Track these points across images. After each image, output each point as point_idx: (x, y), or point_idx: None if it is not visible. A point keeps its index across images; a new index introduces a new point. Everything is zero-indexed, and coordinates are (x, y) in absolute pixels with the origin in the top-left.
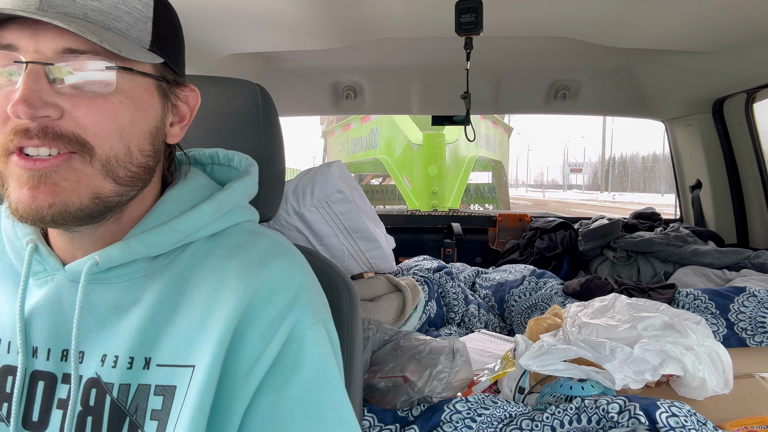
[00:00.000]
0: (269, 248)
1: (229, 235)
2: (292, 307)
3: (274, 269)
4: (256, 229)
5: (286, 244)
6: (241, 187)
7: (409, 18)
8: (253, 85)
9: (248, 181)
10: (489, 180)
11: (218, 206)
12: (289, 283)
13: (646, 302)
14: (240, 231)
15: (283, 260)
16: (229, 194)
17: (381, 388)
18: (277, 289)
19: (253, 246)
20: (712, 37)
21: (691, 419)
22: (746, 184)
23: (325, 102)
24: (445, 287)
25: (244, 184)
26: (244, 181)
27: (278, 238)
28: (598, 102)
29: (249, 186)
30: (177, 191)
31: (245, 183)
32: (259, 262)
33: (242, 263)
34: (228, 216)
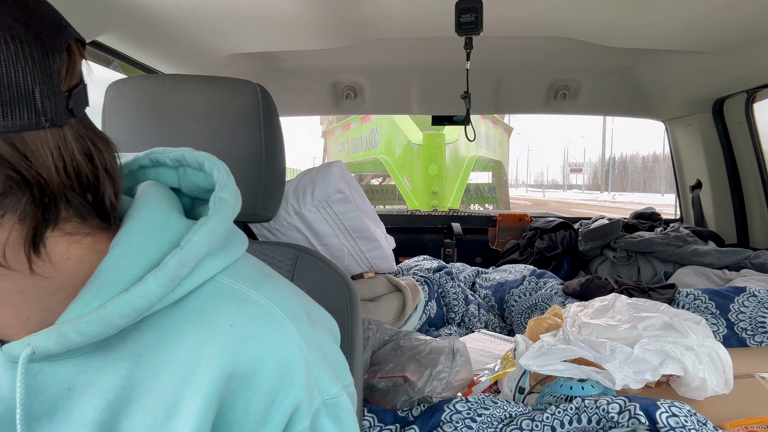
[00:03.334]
0: (250, 323)
1: (199, 300)
2: (278, 399)
3: (257, 352)
4: (234, 291)
5: (274, 311)
6: (205, 236)
7: (409, 18)
8: (253, 85)
9: (216, 222)
10: (489, 180)
11: (171, 277)
12: (279, 367)
13: (646, 302)
14: (213, 295)
15: (269, 339)
16: (188, 254)
17: (381, 388)
18: (262, 378)
19: (227, 323)
20: (712, 37)
21: (691, 419)
22: (746, 184)
23: (325, 102)
24: (445, 287)
25: (209, 231)
26: (209, 225)
27: (263, 302)
28: (598, 102)
29: (218, 228)
30: (123, 245)
31: (211, 228)
32: (237, 342)
33: (215, 346)
34: (195, 274)
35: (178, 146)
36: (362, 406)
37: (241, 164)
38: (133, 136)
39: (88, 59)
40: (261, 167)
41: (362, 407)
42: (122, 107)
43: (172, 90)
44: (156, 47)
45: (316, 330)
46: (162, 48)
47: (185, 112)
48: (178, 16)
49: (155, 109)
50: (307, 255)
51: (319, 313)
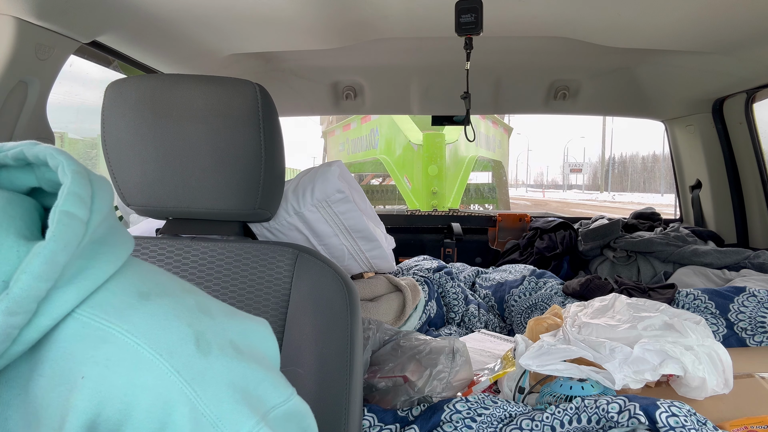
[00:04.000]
0: (106, 370)
1: (52, 347)
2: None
3: (118, 407)
4: (91, 328)
5: (140, 349)
6: (42, 268)
7: (409, 18)
8: (253, 85)
9: (57, 246)
10: (489, 180)
11: (2, 332)
12: (151, 420)
13: (646, 302)
14: (66, 338)
15: (132, 387)
16: (19, 298)
17: (381, 388)
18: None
19: (78, 375)
20: (712, 37)
21: (691, 419)
22: (746, 184)
23: (325, 102)
24: (445, 287)
25: (47, 261)
26: (45, 253)
27: (125, 339)
28: (598, 102)
29: (60, 254)
30: None
31: (48, 257)
32: (90, 399)
33: (68, 407)
34: (39, 317)
35: (179, 146)
36: (362, 406)
37: (241, 164)
38: (132, 136)
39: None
40: (260, 167)
41: (362, 407)
42: (122, 107)
43: (172, 90)
44: (156, 47)
45: (211, 359)
46: (162, 48)
47: (185, 112)
48: (178, 16)
49: (155, 109)
50: (307, 255)
51: (224, 327)
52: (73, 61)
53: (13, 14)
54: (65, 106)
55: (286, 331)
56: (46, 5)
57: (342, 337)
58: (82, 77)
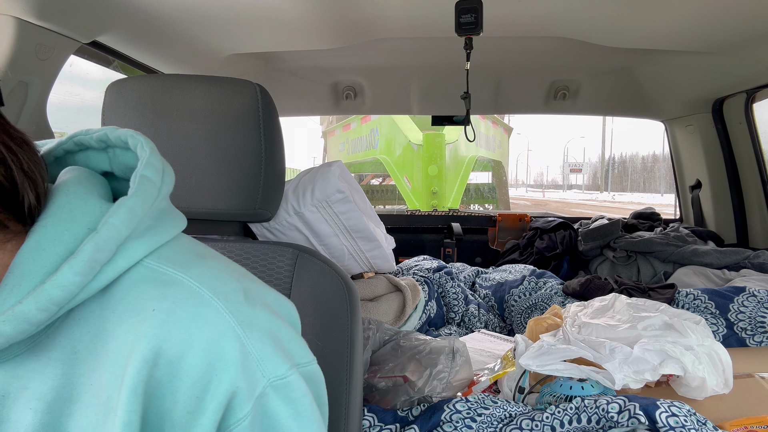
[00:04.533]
0: (174, 306)
1: (123, 287)
2: (211, 386)
3: (183, 336)
4: (159, 274)
5: (201, 292)
6: (124, 216)
7: (409, 18)
8: (253, 85)
9: (136, 201)
10: (489, 180)
11: (88, 264)
12: (209, 351)
13: (646, 302)
14: (137, 280)
15: (195, 322)
16: (105, 238)
17: (381, 387)
18: (190, 364)
19: (149, 309)
20: (712, 37)
21: (691, 419)
22: (746, 184)
23: (325, 102)
24: (445, 287)
25: (129, 210)
26: (128, 204)
27: (189, 283)
28: (598, 102)
29: (138, 208)
30: (37, 236)
31: (130, 208)
32: (159, 328)
33: (137, 334)
34: (118, 259)
35: (179, 146)
36: (362, 406)
37: (241, 164)
38: None
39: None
40: (260, 167)
41: (362, 407)
42: (122, 107)
43: (172, 90)
44: (156, 47)
45: (256, 310)
46: (162, 48)
47: (185, 112)
48: (178, 16)
49: (155, 109)
50: (307, 255)
51: (263, 292)
52: (73, 61)
53: (13, 14)
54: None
55: None
56: (46, 5)
57: (342, 337)
58: (82, 77)
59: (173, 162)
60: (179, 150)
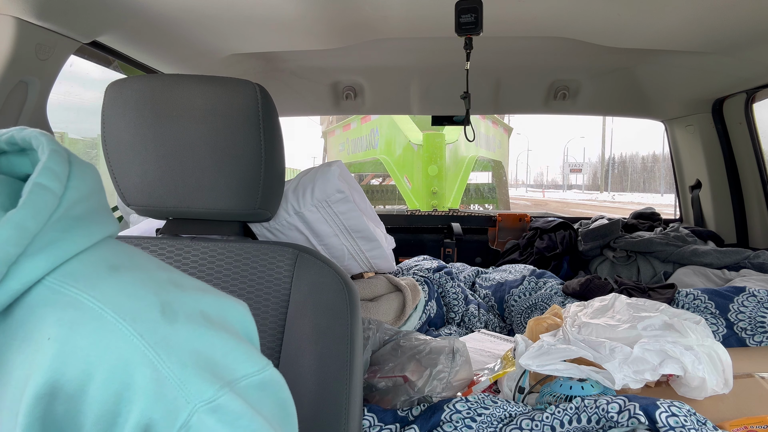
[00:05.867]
0: (71, 332)
1: (23, 312)
2: (120, 419)
3: (82, 367)
4: (60, 295)
5: (104, 314)
6: (10, 233)
7: (409, 18)
8: (253, 85)
9: (24, 214)
10: (489, 180)
11: None
12: (113, 381)
13: (646, 302)
14: (36, 303)
15: (95, 349)
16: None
17: (381, 387)
18: (93, 397)
19: (45, 337)
20: (712, 37)
21: (691, 419)
22: (746, 184)
23: (325, 102)
24: (445, 287)
25: (15, 226)
26: (14, 219)
27: (91, 305)
28: (598, 102)
29: (29, 221)
30: None
31: (16, 223)
32: (55, 358)
33: (33, 366)
34: (9, 281)
35: (179, 146)
36: (362, 406)
37: (241, 164)
38: (133, 136)
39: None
40: (260, 167)
41: (362, 407)
42: (122, 107)
43: (172, 90)
44: (156, 47)
45: (177, 326)
46: (162, 48)
47: (185, 112)
48: (178, 16)
49: (155, 109)
50: (307, 255)
51: (196, 299)
52: (73, 61)
53: (13, 14)
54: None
55: (286, 331)
56: (46, 5)
57: (342, 337)
58: (82, 77)
59: (173, 162)
60: (179, 150)
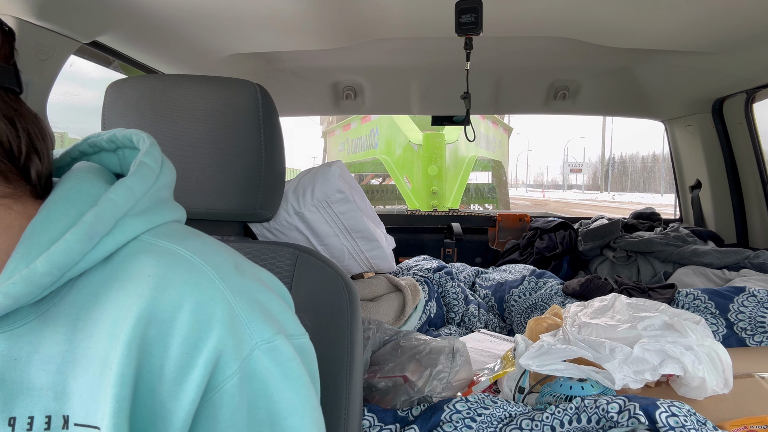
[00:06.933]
0: (167, 271)
1: (122, 258)
2: (200, 343)
3: (175, 297)
4: (156, 246)
5: (193, 260)
6: (122, 194)
7: (409, 18)
8: (253, 85)
9: (134, 181)
10: (489, 180)
11: (88, 232)
12: (199, 311)
13: (646, 302)
14: (135, 252)
15: (187, 285)
16: (104, 211)
17: (381, 387)
18: (181, 322)
19: (146, 274)
20: (712, 37)
21: (691, 419)
22: (746, 184)
23: (325, 102)
24: (445, 287)
25: (127, 189)
26: (126, 183)
27: (183, 253)
28: (598, 102)
29: (136, 188)
30: (47, 210)
31: (128, 186)
32: (154, 289)
33: (134, 296)
34: (116, 232)
35: (179, 146)
36: (362, 406)
37: (241, 164)
38: None
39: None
40: (261, 167)
41: (362, 407)
42: (122, 107)
43: (172, 90)
44: (156, 47)
45: (246, 280)
46: (162, 48)
47: (185, 112)
48: (178, 16)
49: (155, 109)
50: (307, 255)
51: (256, 268)
52: (73, 61)
53: (13, 14)
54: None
55: None
56: (46, 5)
57: (342, 337)
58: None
59: (173, 162)
60: (179, 150)
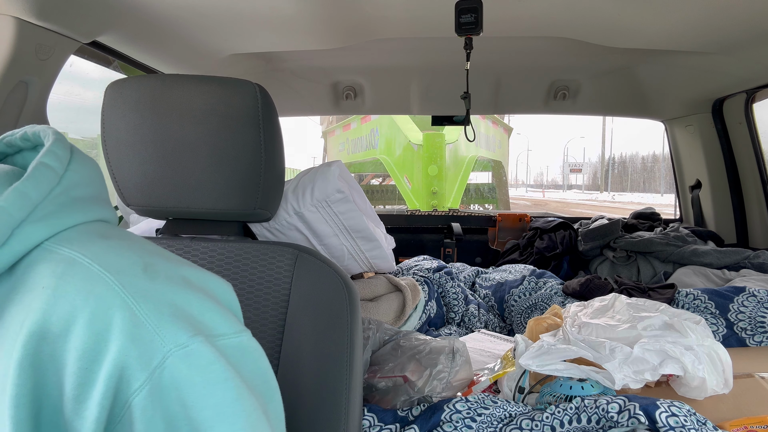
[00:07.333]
0: (61, 281)
1: (24, 268)
2: (99, 356)
3: (68, 309)
4: (55, 254)
5: (91, 267)
6: (14, 200)
7: (409, 18)
8: (253, 85)
9: (28, 185)
10: (489, 180)
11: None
12: (94, 322)
13: (646, 302)
14: (35, 261)
15: (81, 295)
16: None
17: (381, 388)
18: (76, 336)
19: (40, 286)
20: (712, 37)
21: (691, 419)
22: (746, 184)
23: (325, 102)
24: (445, 287)
25: (19, 194)
26: (19, 188)
27: (80, 260)
28: (598, 102)
29: (31, 192)
30: None
31: (21, 192)
32: (46, 302)
33: (28, 311)
34: (12, 242)
35: (179, 146)
36: (362, 406)
37: (241, 164)
38: (132, 136)
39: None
40: (260, 167)
41: (362, 407)
42: (122, 107)
43: (172, 90)
44: (156, 47)
45: (156, 283)
46: (162, 48)
47: (185, 112)
48: (178, 16)
49: (155, 109)
50: (307, 255)
51: (179, 267)
52: (73, 61)
53: (13, 14)
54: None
55: (286, 331)
56: (46, 5)
57: (342, 337)
58: (82, 77)
59: (173, 162)
60: (179, 150)
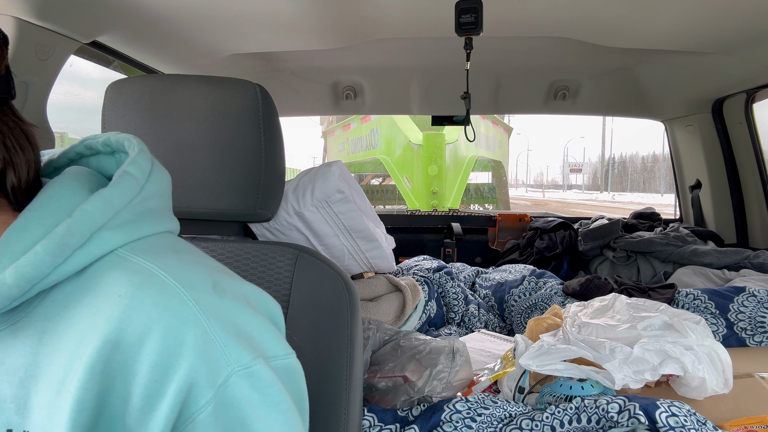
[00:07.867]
0: (138, 291)
1: (95, 273)
2: (171, 371)
3: (144, 321)
4: (130, 262)
5: (166, 280)
6: (98, 205)
7: (409, 18)
8: (253, 85)
9: (113, 193)
10: (489, 180)
11: (59, 245)
12: (169, 336)
13: (646, 302)
14: (108, 267)
15: (157, 307)
16: (78, 223)
17: (381, 388)
18: (150, 348)
19: (116, 293)
20: (712, 37)
21: (691, 419)
22: (746, 184)
23: (325, 102)
24: (445, 287)
25: (104, 200)
26: (104, 195)
27: (156, 272)
28: (598, 102)
29: (115, 199)
30: (24, 218)
31: (105, 198)
32: (123, 311)
33: (102, 316)
34: (90, 246)
35: (179, 146)
36: (362, 406)
37: (241, 164)
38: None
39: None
40: (260, 167)
41: (362, 407)
42: (122, 107)
43: (172, 90)
44: (156, 47)
45: (224, 300)
46: (162, 48)
47: (185, 112)
48: (178, 16)
49: (155, 109)
50: (307, 255)
51: (239, 286)
52: (73, 61)
53: (14, 14)
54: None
55: (286, 331)
56: (46, 5)
57: (342, 337)
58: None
59: (173, 162)
60: (179, 150)
